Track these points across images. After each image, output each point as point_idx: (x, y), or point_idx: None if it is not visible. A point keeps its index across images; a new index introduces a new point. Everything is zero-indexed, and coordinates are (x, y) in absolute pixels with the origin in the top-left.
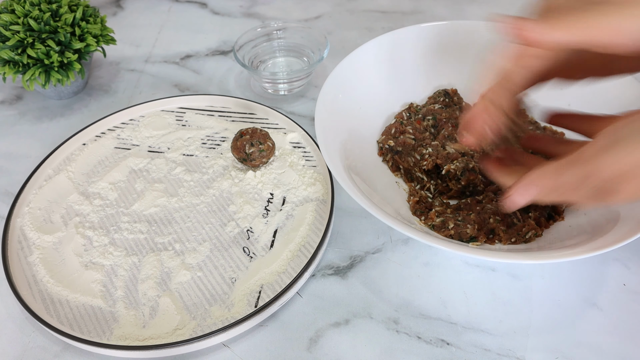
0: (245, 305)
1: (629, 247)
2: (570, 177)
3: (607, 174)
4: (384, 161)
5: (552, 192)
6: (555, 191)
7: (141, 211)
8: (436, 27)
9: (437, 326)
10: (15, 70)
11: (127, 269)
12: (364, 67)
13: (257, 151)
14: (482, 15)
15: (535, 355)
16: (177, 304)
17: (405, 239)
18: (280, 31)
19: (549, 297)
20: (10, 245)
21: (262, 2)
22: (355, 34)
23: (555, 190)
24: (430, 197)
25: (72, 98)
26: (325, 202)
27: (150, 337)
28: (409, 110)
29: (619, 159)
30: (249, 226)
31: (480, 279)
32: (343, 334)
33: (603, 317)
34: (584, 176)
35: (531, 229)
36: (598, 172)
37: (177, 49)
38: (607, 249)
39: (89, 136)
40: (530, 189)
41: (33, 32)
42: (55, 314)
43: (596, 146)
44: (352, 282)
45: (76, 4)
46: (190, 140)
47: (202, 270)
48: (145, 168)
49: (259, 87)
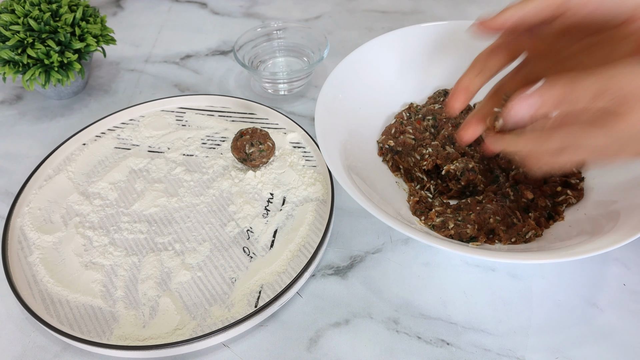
0: (245, 305)
1: (629, 247)
2: (587, 88)
3: (627, 90)
4: (384, 161)
5: (559, 105)
6: (562, 104)
7: (141, 211)
8: (436, 27)
9: (437, 326)
10: (15, 70)
11: (127, 269)
12: (364, 67)
13: (257, 151)
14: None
15: (535, 355)
16: (177, 304)
17: (405, 239)
18: (280, 31)
19: (549, 297)
20: (10, 245)
21: (262, 2)
22: (355, 34)
23: (562, 103)
24: (430, 197)
25: (72, 98)
26: (325, 202)
27: (150, 337)
28: (409, 110)
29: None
30: (249, 226)
31: (480, 279)
32: (343, 334)
33: (603, 317)
34: (601, 88)
35: (531, 229)
36: (618, 86)
37: (177, 49)
38: (607, 249)
39: (89, 136)
40: (534, 97)
41: (33, 32)
42: (55, 314)
43: (624, 63)
44: (352, 282)
45: (76, 4)
46: (190, 140)
47: (202, 270)
48: (145, 168)
49: (259, 87)
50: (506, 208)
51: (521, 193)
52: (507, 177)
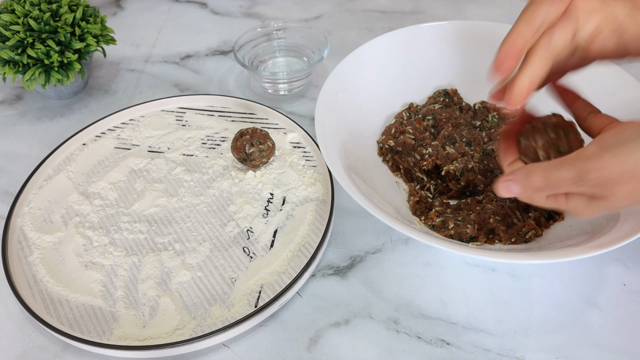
0: (245, 305)
1: (629, 247)
2: (566, 174)
3: (606, 173)
4: (384, 161)
5: (542, 191)
6: (545, 190)
7: (141, 211)
8: (436, 27)
9: (437, 326)
10: (15, 70)
11: (127, 269)
12: (364, 67)
13: (257, 151)
14: (482, 15)
15: (535, 355)
16: (177, 304)
17: (405, 239)
18: (280, 31)
19: (549, 297)
20: (10, 245)
21: (262, 2)
22: (355, 34)
23: (545, 189)
24: (430, 197)
25: (72, 98)
26: (325, 202)
27: (150, 337)
28: (409, 110)
29: (620, 158)
30: (249, 226)
31: (480, 279)
32: (343, 334)
33: (603, 317)
34: (580, 173)
35: (531, 229)
36: (597, 170)
37: (177, 49)
38: (607, 249)
39: (89, 136)
40: (512, 186)
41: (33, 32)
42: (55, 314)
43: (599, 145)
44: (352, 282)
45: (76, 4)
46: (190, 140)
47: (202, 270)
48: (145, 168)
49: (259, 87)
50: (506, 208)
51: None
52: None
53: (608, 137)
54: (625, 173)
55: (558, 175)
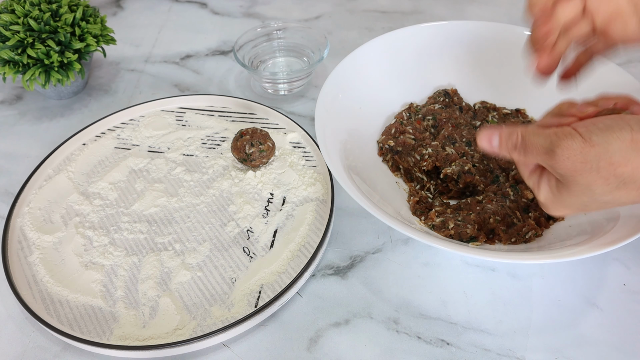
0: (245, 305)
1: (629, 247)
2: (540, 141)
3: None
4: (384, 161)
5: (517, 151)
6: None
7: (141, 211)
8: (436, 27)
9: (437, 326)
10: (15, 70)
11: (127, 269)
12: (364, 67)
13: (257, 151)
14: (482, 15)
15: (535, 355)
16: (177, 304)
17: (405, 239)
18: (280, 31)
19: (549, 297)
20: (10, 245)
21: (262, 2)
22: (355, 34)
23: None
24: (430, 197)
25: (72, 98)
26: (325, 202)
27: (150, 337)
28: (409, 110)
29: (585, 146)
30: (249, 226)
31: (480, 279)
32: (343, 334)
33: (603, 317)
34: (552, 146)
35: (531, 229)
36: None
37: (177, 49)
38: (607, 249)
39: (89, 136)
40: (494, 138)
41: (33, 32)
42: (55, 314)
43: (583, 126)
44: (352, 282)
45: (76, 4)
46: (190, 140)
47: (202, 270)
48: (145, 168)
49: (259, 87)
50: (506, 208)
51: (521, 193)
52: (507, 177)
53: (591, 121)
54: (587, 162)
55: (533, 139)
